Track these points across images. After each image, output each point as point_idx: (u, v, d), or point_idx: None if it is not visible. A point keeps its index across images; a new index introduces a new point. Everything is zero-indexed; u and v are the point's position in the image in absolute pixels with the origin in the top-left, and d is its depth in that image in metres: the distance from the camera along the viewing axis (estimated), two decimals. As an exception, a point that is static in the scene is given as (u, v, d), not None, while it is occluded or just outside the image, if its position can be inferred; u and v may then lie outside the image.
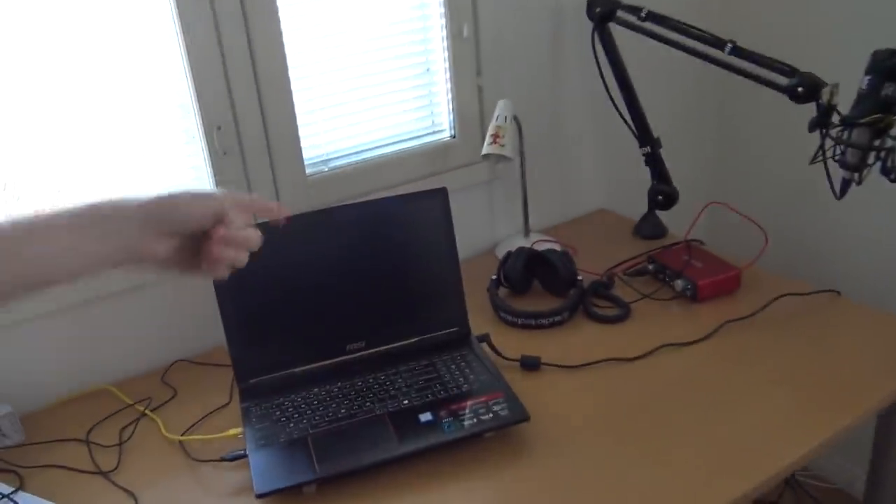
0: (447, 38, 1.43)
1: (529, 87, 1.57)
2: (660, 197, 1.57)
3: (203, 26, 1.16)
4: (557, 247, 1.52)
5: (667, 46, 1.37)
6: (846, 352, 1.15)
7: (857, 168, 1.15)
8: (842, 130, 1.14)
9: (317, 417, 1.04)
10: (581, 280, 1.35)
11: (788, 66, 1.21)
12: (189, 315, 1.30)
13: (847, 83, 1.16)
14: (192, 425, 1.12)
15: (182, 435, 1.10)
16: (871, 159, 1.14)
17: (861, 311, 1.25)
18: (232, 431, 1.06)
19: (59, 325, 1.20)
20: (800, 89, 1.18)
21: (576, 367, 1.17)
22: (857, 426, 1.03)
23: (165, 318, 1.29)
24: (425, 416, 1.03)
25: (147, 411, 1.16)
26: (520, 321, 1.29)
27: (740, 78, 1.28)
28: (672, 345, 1.20)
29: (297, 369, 1.15)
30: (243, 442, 1.02)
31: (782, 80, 1.22)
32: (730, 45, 1.29)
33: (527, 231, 1.58)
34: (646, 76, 1.70)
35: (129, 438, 1.11)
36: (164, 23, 1.15)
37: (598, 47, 1.50)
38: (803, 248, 1.82)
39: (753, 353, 1.17)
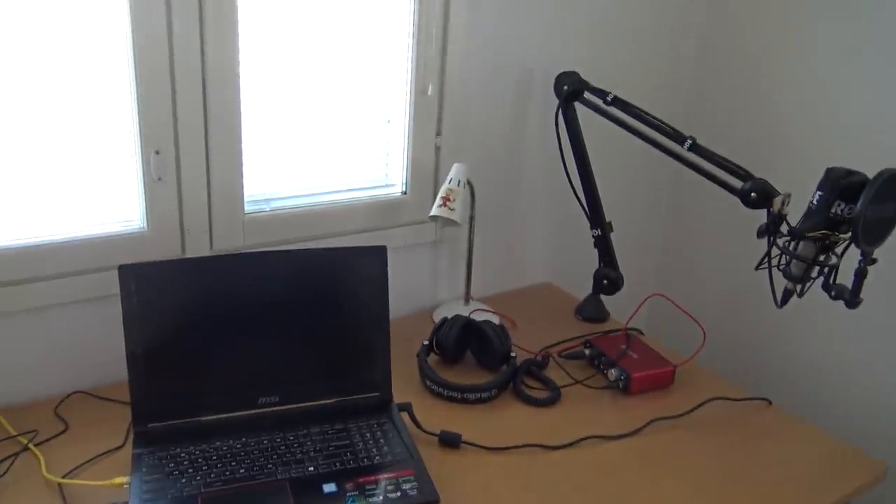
0: (411, 93, 1.40)
1: (488, 152, 1.55)
2: (605, 281, 1.55)
3: (156, 43, 1.11)
4: (496, 318, 1.48)
5: (629, 133, 1.37)
6: (771, 464, 1.12)
7: (799, 280, 1.15)
8: (789, 241, 1.14)
9: (213, 475, 0.97)
10: (514, 357, 1.31)
11: (744, 170, 1.21)
12: (97, 343, 1.21)
13: (801, 193, 1.16)
14: (77, 467, 1.03)
15: (63, 477, 1.00)
16: (814, 273, 1.14)
17: (790, 422, 1.23)
18: (118, 480, 0.97)
19: (-50, 338, 1.11)
20: (752, 195, 1.18)
21: (497, 449, 1.12)
22: (775, 547, 0.99)
23: (69, 344, 1.20)
24: (329, 487, 0.96)
25: (30, 445, 1.06)
26: (446, 392, 1.24)
27: (697, 175, 1.28)
28: (598, 437, 1.16)
29: (201, 418, 1.07)
30: (128, 494, 0.94)
31: (737, 183, 1.22)
32: (689, 140, 1.29)
33: (467, 298, 1.54)
34: (604, 159, 1.70)
35: (3, 474, 1.01)
36: (115, 36, 1.10)
37: (562, 124, 1.49)
38: (741, 350, 1.81)
39: (678, 455, 1.14)
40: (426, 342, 1.33)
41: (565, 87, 1.46)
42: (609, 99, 1.40)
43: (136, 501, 0.92)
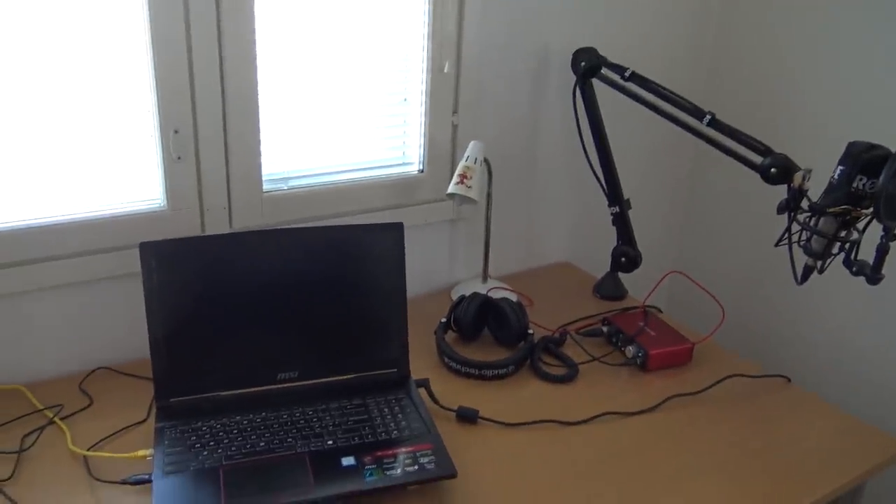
0: (428, 71, 1.40)
1: (504, 129, 1.54)
2: (623, 259, 1.55)
3: (173, 23, 1.12)
4: (513, 296, 1.48)
5: (646, 109, 1.36)
6: (788, 442, 1.12)
7: (820, 256, 1.13)
8: (809, 217, 1.13)
9: (233, 448, 0.98)
10: (532, 334, 1.31)
11: (764, 145, 1.20)
12: (120, 320, 1.24)
13: (821, 170, 1.15)
14: (102, 440, 1.05)
15: (88, 449, 1.02)
16: (835, 249, 1.13)
17: (808, 400, 1.23)
18: (141, 452, 0.99)
19: (-23, 315, 1.13)
20: (773, 170, 1.17)
21: (514, 424, 1.13)
22: (792, 522, 0.99)
23: (94, 320, 1.22)
24: (347, 460, 0.97)
25: (56, 419, 1.09)
26: (463, 369, 1.24)
27: (716, 150, 1.27)
28: (615, 413, 1.16)
29: (222, 393, 1.08)
30: (151, 465, 0.96)
31: (757, 159, 1.20)
32: (709, 115, 1.28)
33: (485, 276, 1.55)
34: (623, 136, 1.69)
35: (31, 446, 1.03)
36: (133, 16, 1.11)
37: (579, 101, 1.48)
38: (760, 327, 1.80)
39: (695, 432, 1.13)
40: (444, 320, 1.34)
41: (582, 64, 1.45)
42: (627, 75, 1.38)
43: (158, 473, 0.93)
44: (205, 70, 1.16)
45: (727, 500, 0.99)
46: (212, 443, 0.99)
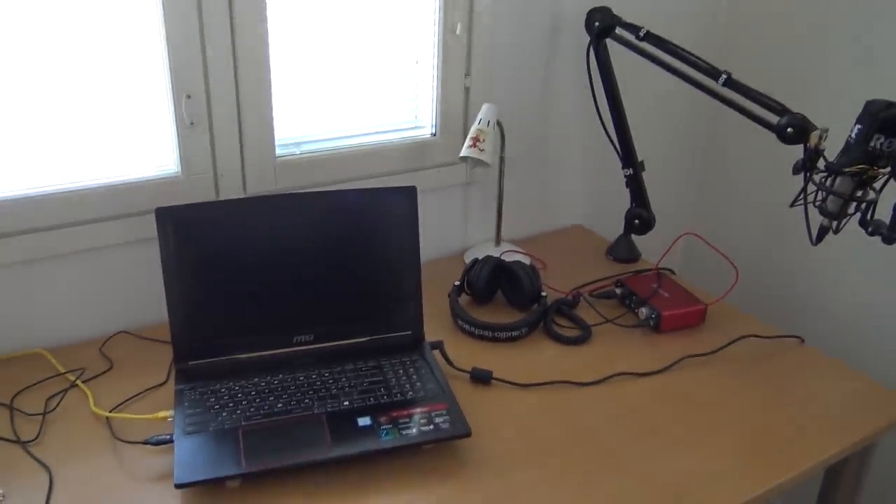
0: (439, 33, 1.38)
1: (518, 93, 1.53)
2: (636, 221, 1.55)
3: (184, -11, 1.11)
4: (526, 259, 1.48)
5: (662, 70, 1.34)
6: (801, 402, 1.12)
7: (836, 216, 1.13)
8: (825, 177, 1.12)
9: (252, 409, 1.00)
10: (545, 296, 1.32)
11: (780, 104, 1.18)
12: (138, 285, 1.25)
13: (838, 130, 1.13)
14: (123, 402, 1.07)
15: (110, 411, 1.05)
16: (851, 209, 1.12)
17: (822, 361, 1.23)
18: (162, 414, 1.02)
19: (-2, 281, 1.15)
20: (789, 130, 1.15)
21: (527, 385, 1.14)
22: (804, 479, 1.00)
23: (112, 286, 1.24)
24: (364, 420, 0.99)
25: (79, 382, 1.11)
26: (477, 331, 1.25)
27: (731, 111, 1.26)
28: (628, 374, 1.17)
29: (240, 356, 1.10)
30: (172, 426, 0.98)
31: (773, 119, 1.19)
32: (724, 75, 1.26)
33: (498, 240, 1.55)
34: (637, 97, 1.67)
35: (54, 408, 1.06)
36: (144, -20, 1.10)
37: (593, 62, 1.46)
38: (774, 289, 1.80)
39: (708, 391, 1.14)
40: (457, 283, 1.35)
41: (596, 23, 1.43)
42: (641, 34, 1.36)
43: (179, 433, 0.95)
44: (216, 34, 1.16)
45: (739, 458, 1.00)
46: (230, 404, 1.01)
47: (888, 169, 1.05)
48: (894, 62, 1.48)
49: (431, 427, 0.98)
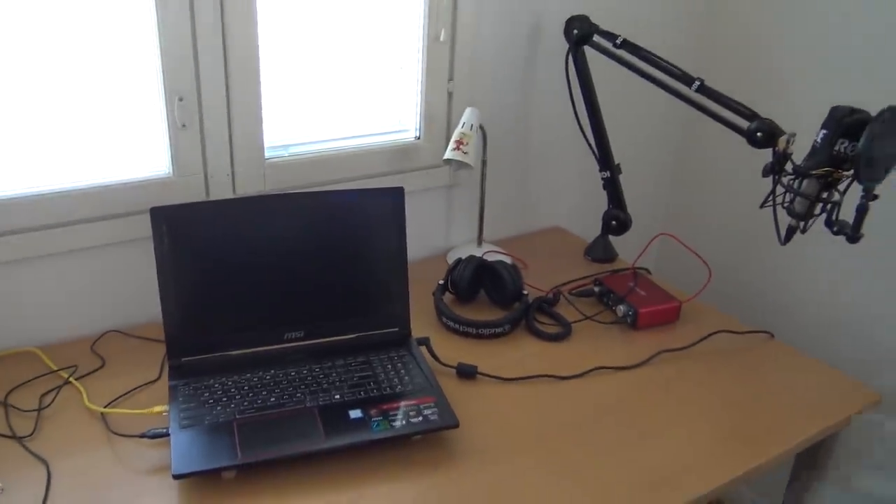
0: (424, 39, 1.42)
1: (499, 97, 1.57)
2: (614, 222, 1.60)
3: (176, -5, 1.14)
4: (508, 259, 1.53)
5: (639, 77, 1.40)
6: (772, 392, 1.18)
7: (803, 217, 1.18)
8: (793, 179, 1.17)
9: (245, 403, 1.03)
10: (527, 294, 1.36)
11: (750, 110, 1.24)
12: (128, 284, 1.27)
13: (805, 134, 1.19)
14: (117, 398, 1.09)
15: (105, 407, 1.07)
16: (817, 210, 1.18)
17: (790, 354, 1.29)
18: (157, 408, 1.04)
19: (-10, 280, 1.17)
20: (758, 134, 1.21)
21: (511, 379, 1.18)
22: (775, 465, 1.05)
23: (102, 285, 1.26)
24: (355, 413, 1.02)
25: (72, 379, 1.13)
26: (461, 328, 1.29)
27: (705, 116, 1.31)
28: (607, 368, 1.22)
29: (232, 352, 1.13)
30: (167, 420, 1.00)
31: (744, 124, 1.25)
32: (697, 82, 1.32)
33: (480, 240, 1.59)
34: (614, 102, 1.73)
35: (49, 405, 1.08)
36: (137, -14, 1.13)
37: (572, 68, 1.51)
38: (745, 286, 1.86)
39: (683, 383, 1.19)
40: (441, 282, 1.39)
41: (575, 31, 1.48)
42: (618, 42, 1.42)
43: (175, 427, 0.98)
44: (208, 39, 1.19)
45: (713, 446, 1.05)
46: (224, 399, 1.04)
47: (851, 171, 1.11)
48: (858, 70, 1.55)
49: (420, 419, 1.02)
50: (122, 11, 1.13)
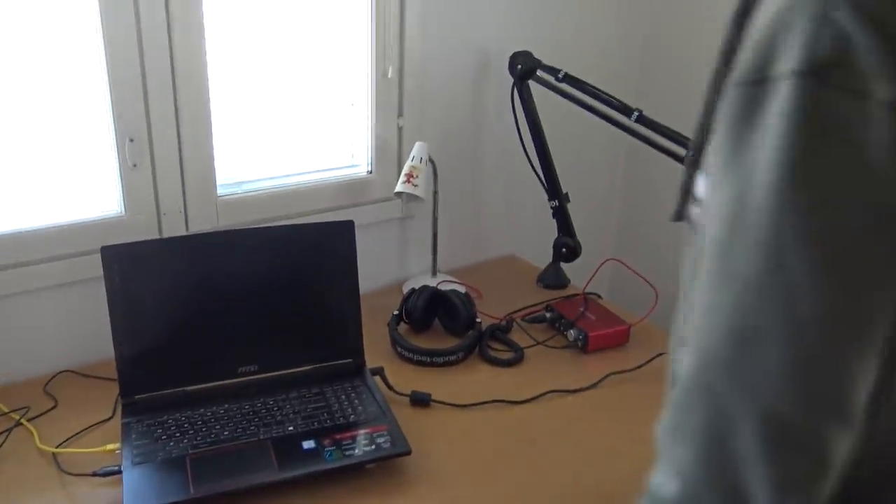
0: (373, 76, 1.47)
1: (448, 131, 1.62)
2: (564, 249, 1.64)
3: (126, 36, 1.16)
4: (462, 288, 1.56)
5: (582, 109, 1.45)
6: (717, 410, 1.22)
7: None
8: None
9: (198, 438, 1.04)
10: (480, 322, 1.39)
11: (687, 137, 1.30)
12: (82, 324, 1.27)
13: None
14: (69, 438, 1.09)
15: (57, 447, 1.07)
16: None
17: (736, 372, 1.33)
18: (109, 446, 1.04)
19: (-61, 324, 1.16)
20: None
21: (465, 405, 1.20)
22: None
23: (55, 326, 1.26)
24: (308, 444, 1.03)
25: (23, 420, 1.12)
26: (415, 357, 1.31)
27: (647, 145, 1.37)
28: (559, 391, 1.25)
29: (186, 388, 1.14)
30: (120, 458, 1.01)
31: (681, 151, 1.30)
32: (636, 112, 1.38)
33: (434, 271, 1.62)
34: (560, 133, 1.78)
35: (-1, 447, 1.07)
36: (87, 30, 1.15)
37: (518, 101, 1.57)
38: (696, 309, 1.91)
39: (633, 405, 1.23)
40: (396, 312, 1.41)
41: (519, 66, 1.54)
42: (560, 76, 1.47)
43: (127, 464, 0.98)
44: (157, 80, 1.21)
45: (660, 464, 1.08)
46: (177, 434, 1.04)
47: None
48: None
49: (373, 447, 1.03)
50: (71, 54, 1.15)
